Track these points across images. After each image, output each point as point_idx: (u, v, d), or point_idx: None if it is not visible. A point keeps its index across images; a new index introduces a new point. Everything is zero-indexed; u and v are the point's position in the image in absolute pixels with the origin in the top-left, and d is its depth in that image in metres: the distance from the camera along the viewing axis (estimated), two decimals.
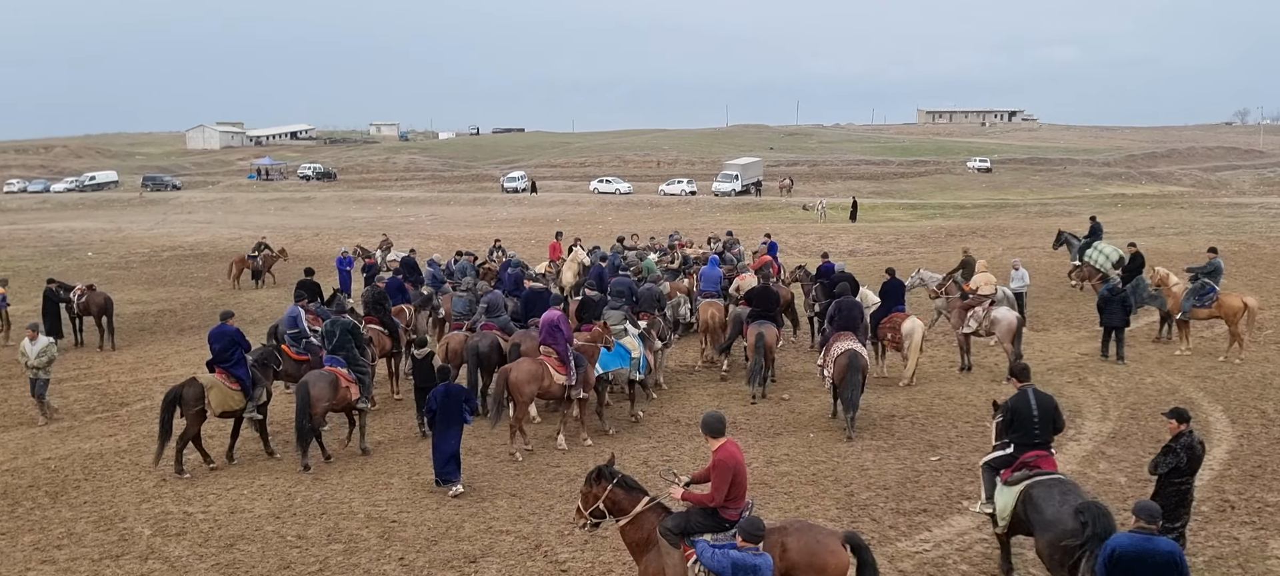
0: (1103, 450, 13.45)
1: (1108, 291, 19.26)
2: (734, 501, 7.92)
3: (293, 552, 10.68)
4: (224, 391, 13.57)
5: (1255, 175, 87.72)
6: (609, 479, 8.14)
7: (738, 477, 7.85)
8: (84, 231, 53.50)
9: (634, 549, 8.17)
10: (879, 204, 65.99)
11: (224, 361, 13.79)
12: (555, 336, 14.29)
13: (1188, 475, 9.53)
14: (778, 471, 12.88)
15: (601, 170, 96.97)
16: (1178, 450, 9.44)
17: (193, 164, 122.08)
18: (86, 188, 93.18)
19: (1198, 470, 9.71)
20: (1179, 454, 9.43)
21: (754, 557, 7.17)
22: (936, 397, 16.57)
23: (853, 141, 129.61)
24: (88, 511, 12.07)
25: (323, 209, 71.13)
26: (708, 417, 8.08)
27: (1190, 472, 9.55)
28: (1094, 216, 30.53)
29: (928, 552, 10.29)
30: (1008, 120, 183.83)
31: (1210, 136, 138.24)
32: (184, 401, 13.32)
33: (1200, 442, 9.65)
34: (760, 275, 19.97)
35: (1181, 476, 9.48)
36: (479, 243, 37.71)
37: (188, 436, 13.45)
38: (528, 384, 13.70)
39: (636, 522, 8.08)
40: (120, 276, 35.84)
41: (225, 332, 13.93)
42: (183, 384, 13.60)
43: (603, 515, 8.20)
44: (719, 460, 7.84)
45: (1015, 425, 9.45)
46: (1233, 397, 15.95)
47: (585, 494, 8.25)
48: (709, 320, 19.03)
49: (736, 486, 7.85)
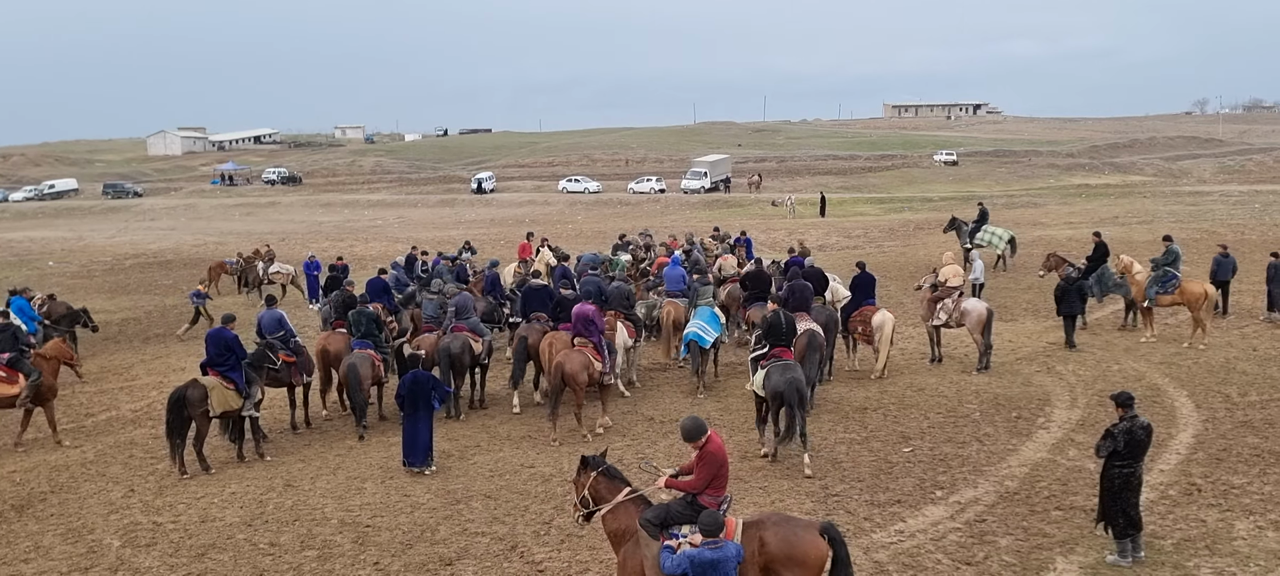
0: (1072, 437, 13.61)
1: (1066, 281, 19.57)
2: (714, 491, 8.05)
3: (266, 560, 10.57)
4: (223, 392, 13.66)
5: (1215, 163, 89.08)
6: (593, 468, 8.31)
7: (722, 471, 8.08)
8: (44, 240, 52.69)
9: (613, 539, 8.30)
10: (847, 198, 66.37)
11: (218, 364, 13.81)
12: (590, 328, 15.16)
13: (1129, 459, 9.53)
14: (752, 465, 12.92)
15: (570, 169, 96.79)
16: (1116, 435, 9.52)
17: (154, 170, 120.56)
18: (46, 196, 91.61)
19: (1141, 455, 9.65)
20: (1117, 438, 9.51)
21: (713, 552, 7.21)
22: (908, 389, 16.69)
23: (820, 137, 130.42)
24: (55, 524, 11.88)
25: (288, 213, 70.47)
26: (686, 424, 8.20)
27: (1131, 457, 9.53)
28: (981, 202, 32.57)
29: (902, 543, 10.36)
30: (973, 113, 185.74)
31: (1171, 126, 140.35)
32: (189, 402, 13.33)
33: (1143, 427, 9.59)
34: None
35: (1121, 460, 9.53)
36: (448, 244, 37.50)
37: (202, 438, 13.56)
38: (581, 372, 14.48)
39: (616, 513, 8.18)
40: (82, 285, 35.32)
41: (223, 337, 13.98)
42: (186, 385, 13.60)
43: (589, 504, 8.35)
44: (708, 453, 8.04)
45: (770, 333, 13.45)
46: (1197, 383, 16.20)
47: (573, 483, 8.50)
48: (672, 319, 19.02)
49: (719, 479, 8.06)
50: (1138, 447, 9.58)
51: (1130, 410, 9.61)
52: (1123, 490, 9.57)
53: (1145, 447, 9.70)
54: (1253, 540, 10.09)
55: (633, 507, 8.17)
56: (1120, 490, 9.57)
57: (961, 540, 10.35)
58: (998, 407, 15.27)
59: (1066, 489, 11.66)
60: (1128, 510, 9.61)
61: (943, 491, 11.79)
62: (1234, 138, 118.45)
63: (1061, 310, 19.53)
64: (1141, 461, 9.75)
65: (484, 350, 16.63)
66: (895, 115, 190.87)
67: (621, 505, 8.17)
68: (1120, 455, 9.54)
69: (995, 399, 15.76)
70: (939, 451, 13.26)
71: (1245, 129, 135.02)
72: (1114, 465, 9.60)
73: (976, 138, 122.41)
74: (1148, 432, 9.69)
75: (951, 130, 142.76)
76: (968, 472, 12.40)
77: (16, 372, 15.20)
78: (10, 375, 15.16)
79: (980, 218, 31.59)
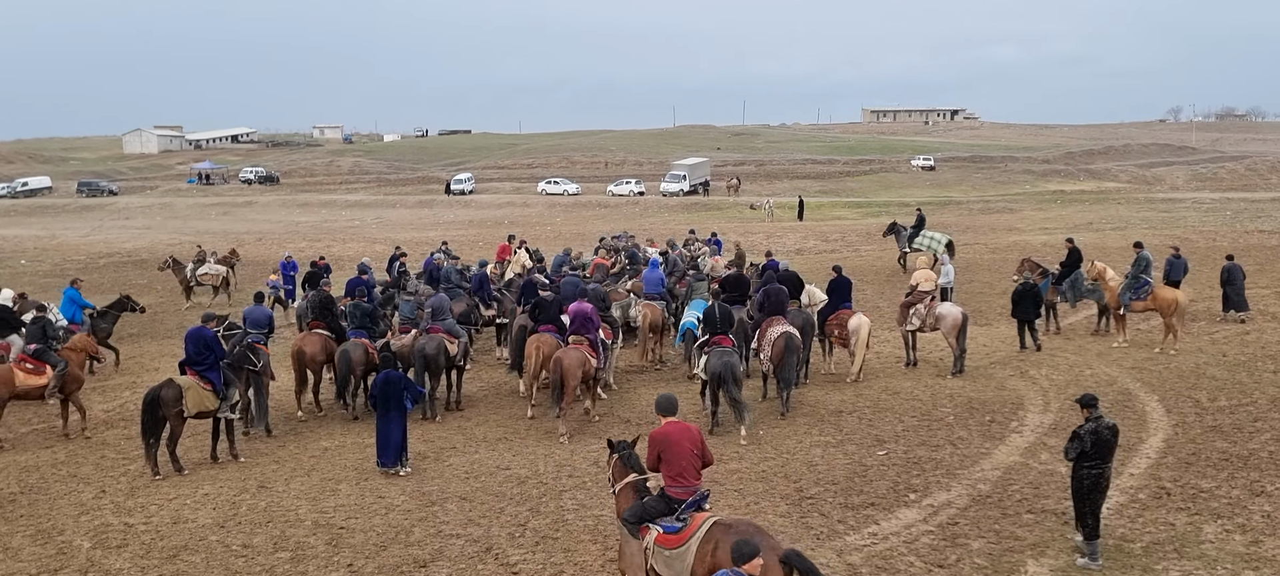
0: (1044, 441, 13.73)
1: (1023, 286, 19.75)
2: (676, 480, 8.26)
3: (238, 562, 10.50)
4: (199, 392, 13.49)
5: (1188, 171, 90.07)
6: (615, 451, 8.96)
7: (666, 453, 8.34)
8: (16, 238, 52.09)
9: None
10: (825, 202, 66.68)
11: (196, 364, 13.66)
12: (587, 326, 15.59)
13: (1096, 460, 9.67)
14: (728, 469, 12.95)
15: (549, 171, 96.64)
16: (1083, 436, 9.69)
17: (130, 168, 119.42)
18: (18, 194, 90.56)
19: (1109, 456, 9.80)
20: (1084, 439, 9.67)
21: None
22: (883, 393, 16.78)
23: (799, 141, 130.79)
24: (24, 525, 11.75)
25: (265, 213, 70.01)
26: (660, 398, 8.97)
27: (1098, 458, 9.67)
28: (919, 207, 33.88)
29: (875, 546, 10.42)
30: (950, 119, 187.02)
31: (1145, 133, 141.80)
32: (163, 402, 13.19)
33: (1109, 428, 9.74)
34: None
35: (1089, 461, 9.68)
36: (426, 245, 37.37)
37: (176, 438, 13.40)
38: (578, 368, 14.80)
39: (618, 497, 8.76)
40: (56, 284, 34.86)
41: (202, 336, 13.81)
42: (161, 385, 13.46)
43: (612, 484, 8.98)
44: (654, 434, 8.49)
45: (709, 324, 14.78)
46: (1168, 387, 16.38)
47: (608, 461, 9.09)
48: (650, 321, 19.23)
49: (667, 462, 8.33)
50: (1104, 448, 9.72)
51: (1095, 411, 9.79)
52: (1092, 491, 9.74)
53: (1112, 448, 9.85)
54: (1220, 543, 10.22)
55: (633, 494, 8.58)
56: (1089, 491, 9.74)
57: (934, 543, 10.43)
58: (971, 411, 15.39)
59: (1038, 492, 11.76)
60: (1096, 511, 9.76)
61: (916, 494, 11.86)
62: (1207, 145, 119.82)
63: (1016, 313, 19.73)
64: (1109, 463, 9.88)
65: (459, 352, 16.60)
66: (874, 120, 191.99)
67: (626, 488, 8.64)
68: (1088, 456, 9.69)
69: (969, 403, 15.88)
70: (913, 454, 13.35)
71: (1218, 137, 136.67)
72: (1083, 466, 9.75)
73: (954, 143, 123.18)
74: (1114, 433, 9.83)
75: (929, 135, 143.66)
76: (941, 476, 12.49)
77: (44, 364, 15.46)
78: (38, 366, 15.43)
79: (918, 223, 32.69)
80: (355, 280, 19.84)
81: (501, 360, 20.23)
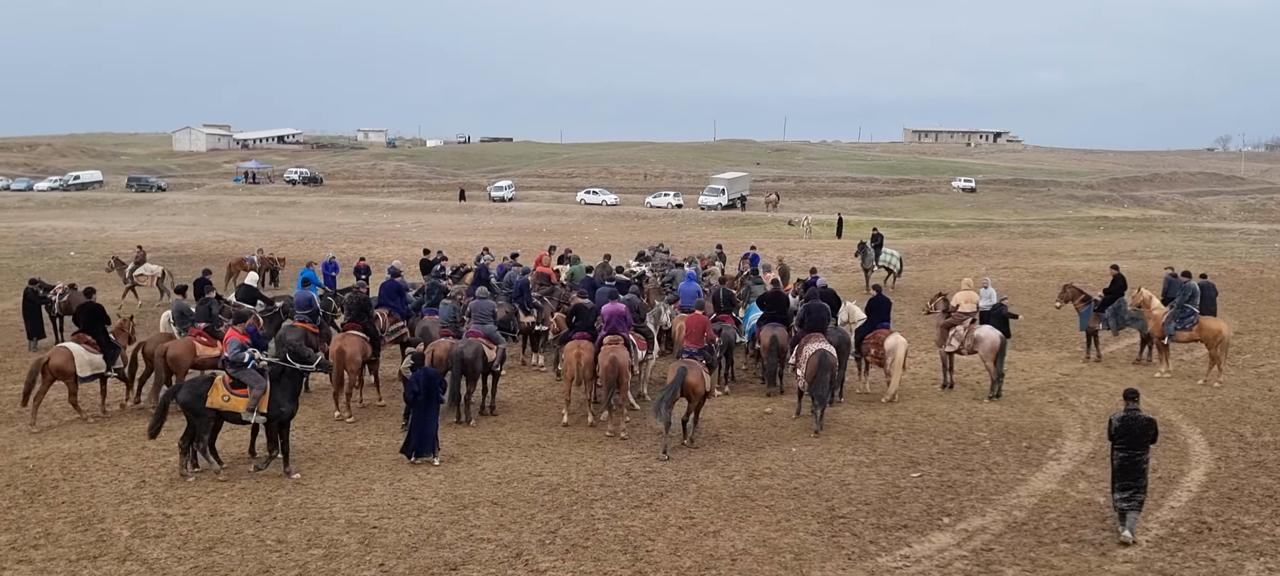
0: (1082, 470, 13.54)
1: (991, 307, 19.43)
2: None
3: (272, 557, 10.63)
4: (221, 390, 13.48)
5: (1236, 201, 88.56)
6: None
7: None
8: (67, 231, 53.13)
9: None
10: (864, 221, 66.19)
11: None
12: (622, 325, 16.02)
13: (1120, 443, 10.77)
14: (759, 485, 12.91)
15: (588, 181, 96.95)
16: (1114, 422, 10.94)
17: (178, 165, 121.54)
18: (71, 187, 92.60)
19: (1138, 446, 10.71)
20: (1112, 423, 10.95)
21: None
22: (918, 414, 16.65)
23: (839, 159, 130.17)
24: (66, 511, 11.98)
25: (308, 214, 70.90)
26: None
27: (1124, 444, 10.74)
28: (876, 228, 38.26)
29: (908, 569, 10.33)
30: (993, 141, 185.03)
31: (1192, 162, 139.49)
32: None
33: (1143, 420, 10.78)
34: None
35: (1119, 443, 10.81)
36: (465, 250, 37.65)
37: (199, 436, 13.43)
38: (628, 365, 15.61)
39: None
40: (103, 277, 35.58)
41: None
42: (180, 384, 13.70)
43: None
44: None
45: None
46: (1211, 420, 16.09)
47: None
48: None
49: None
50: (1133, 437, 10.76)
51: (1133, 404, 10.90)
52: (1119, 471, 10.84)
53: (1142, 439, 10.80)
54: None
55: None
56: (1118, 470, 10.85)
57: (967, 568, 10.31)
58: (1008, 436, 15.22)
59: (1075, 521, 11.60)
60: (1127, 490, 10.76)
61: (950, 518, 11.75)
62: (1256, 176, 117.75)
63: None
64: (1141, 453, 10.81)
65: (497, 357, 16.68)
66: (915, 140, 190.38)
67: None
68: (1118, 438, 10.83)
69: (1006, 428, 15.70)
70: (947, 478, 13.22)
71: (1268, 167, 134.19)
72: (1114, 446, 10.93)
73: (996, 165, 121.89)
74: (1146, 426, 10.82)
75: (971, 157, 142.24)
76: (976, 501, 12.36)
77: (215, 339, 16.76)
78: (210, 341, 16.86)
79: (876, 242, 34.33)
80: (388, 283, 20.11)
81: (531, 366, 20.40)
